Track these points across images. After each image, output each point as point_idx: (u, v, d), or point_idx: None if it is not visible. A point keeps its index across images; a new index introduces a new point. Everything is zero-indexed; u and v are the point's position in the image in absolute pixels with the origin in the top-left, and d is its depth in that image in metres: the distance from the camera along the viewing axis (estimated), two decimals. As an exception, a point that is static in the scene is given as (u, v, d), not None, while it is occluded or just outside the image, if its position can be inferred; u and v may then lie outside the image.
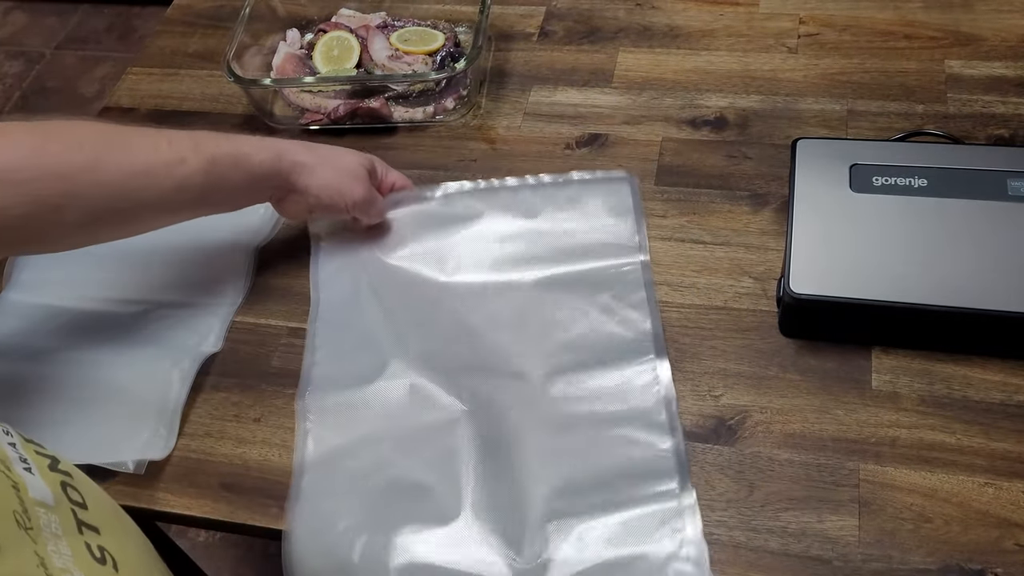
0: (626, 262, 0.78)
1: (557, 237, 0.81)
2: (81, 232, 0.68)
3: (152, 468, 0.71)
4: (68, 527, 0.46)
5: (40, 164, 0.63)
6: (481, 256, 0.81)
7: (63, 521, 0.46)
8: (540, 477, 0.67)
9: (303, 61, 0.98)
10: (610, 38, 0.99)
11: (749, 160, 0.86)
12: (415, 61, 0.95)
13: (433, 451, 0.70)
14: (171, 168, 0.68)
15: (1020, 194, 0.71)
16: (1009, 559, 0.61)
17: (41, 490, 0.46)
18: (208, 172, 0.70)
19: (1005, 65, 0.89)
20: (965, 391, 0.69)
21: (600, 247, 0.80)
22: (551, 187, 0.85)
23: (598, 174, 0.85)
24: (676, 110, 0.91)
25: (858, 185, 0.73)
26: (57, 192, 0.63)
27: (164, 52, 1.08)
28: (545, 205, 0.83)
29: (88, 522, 0.48)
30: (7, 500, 0.42)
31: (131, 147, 0.68)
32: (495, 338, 0.75)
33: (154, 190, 0.68)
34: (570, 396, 0.71)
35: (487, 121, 0.93)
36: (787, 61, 0.93)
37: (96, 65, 2.35)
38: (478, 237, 0.82)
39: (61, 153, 0.64)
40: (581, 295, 0.77)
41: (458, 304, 0.78)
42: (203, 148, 0.70)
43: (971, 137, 0.84)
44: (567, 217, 0.82)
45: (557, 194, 0.84)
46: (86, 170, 0.65)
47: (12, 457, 0.46)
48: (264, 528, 0.69)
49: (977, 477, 0.65)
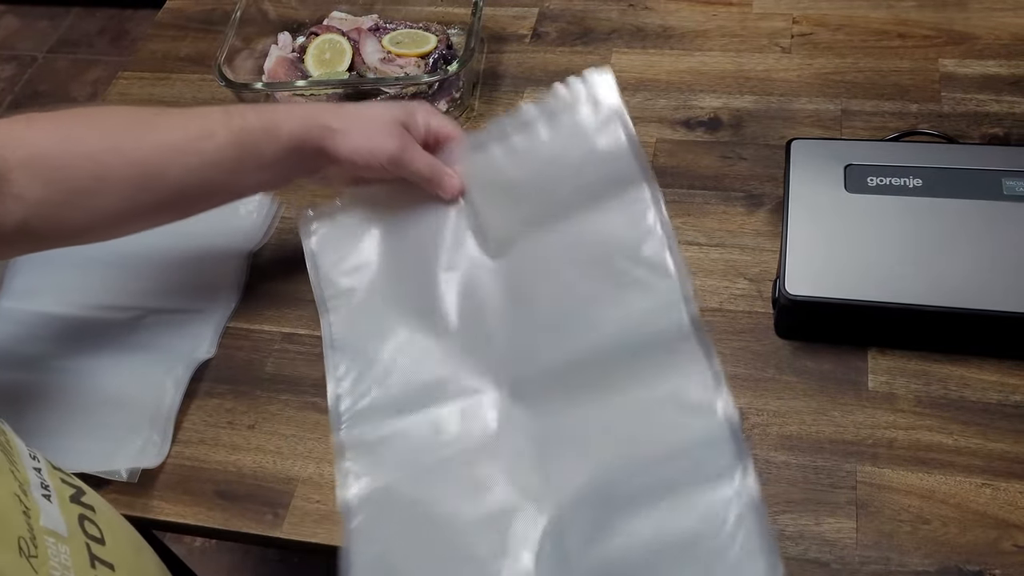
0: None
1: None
2: (117, 219, 0.67)
3: (146, 476, 0.71)
4: (80, 561, 0.45)
5: (69, 149, 0.63)
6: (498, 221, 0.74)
7: (74, 553, 0.45)
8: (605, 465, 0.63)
9: (295, 64, 0.97)
10: (603, 39, 0.99)
11: (744, 161, 0.85)
12: (407, 64, 0.95)
13: (488, 472, 0.66)
14: (200, 142, 0.67)
15: (1015, 193, 0.70)
16: (1007, 560, 0.61)
17: (55, 519, 0.45)
18: (238, 144, 0.67)
19: (999, 64, 0.89)
20: (962, 391, 0.68)
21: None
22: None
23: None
24: (670, 111, 0.91)
25: (853, 185, 0.73)
26: (88, 175, 0.63)
27: (155, 56, 1.07)
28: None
29: (103, 558, 0.47)
30: (15, 526, 0.42)
31: (157, 126, 0.67)
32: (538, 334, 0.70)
33: (182, 167, 0.66)
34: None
35: (480, 123, 0.93)
36: (781, 61, 0.93)
37: (88, 68, 2.35)
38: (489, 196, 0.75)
39: (87, 136, 0.64)
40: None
41: (492, 286, 0.72)
42: (233, 121, 0.68)
43: (966, 136, 0.83)
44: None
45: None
46: (113, 151, 0.64)
47: (33, 482, 0.45)
48: (259, 536, 0.69)
49: (975, 478, 0.64)
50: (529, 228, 0.72)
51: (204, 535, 0.72)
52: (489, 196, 0.75)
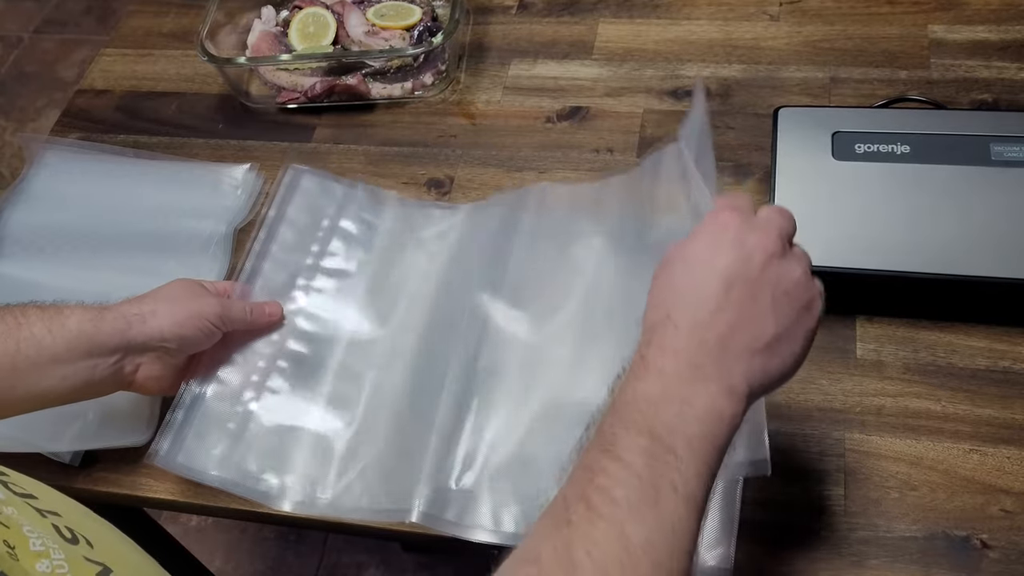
0: None
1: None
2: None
3: (134, 454, 0.71)
4: (28, 513, 0.45)
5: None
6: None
7: (21, 510, 0.44)
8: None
9: (278, 39, 0.96)
10: (590, 9, 0.98)
11: (732, 130, 0.85)
12: (392, 36, 0.94)
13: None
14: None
15: (1003, 159, 0.70)
16: (994, 525, 0.61)
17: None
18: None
19: (988, 29, 0.88)
20: (950, 358, 0.68)
21: None
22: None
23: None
24: (657, 81, 0.90)
25: (840, 153, 0.73)
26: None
27: (138, 33, 1.06)
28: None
29: (44, 508, 0.47)
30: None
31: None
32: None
33: None
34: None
35: (466, 96, 0.92)
36: (769, 29, 0.92)
37: (75, 48, 2.32)
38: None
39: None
40: None
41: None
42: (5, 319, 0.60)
43: (954, 102, 0.83)
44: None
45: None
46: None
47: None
48: (248, 512, 0.68)
49: (962, 444, 0.64)
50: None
51: (194, 512, 0.72)
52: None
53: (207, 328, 0.67)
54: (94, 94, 1.00)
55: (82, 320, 0.61)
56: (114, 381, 0.64)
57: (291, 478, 0.66)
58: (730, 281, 0.47)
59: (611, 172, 0.77)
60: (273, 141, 0.92)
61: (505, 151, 0.87)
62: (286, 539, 1.46)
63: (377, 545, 1.43)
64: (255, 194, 0.87)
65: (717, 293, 0.47)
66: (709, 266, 0.48)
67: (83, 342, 0.61)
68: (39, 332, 0.60)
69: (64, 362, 0.61)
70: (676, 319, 0.47)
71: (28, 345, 0.59)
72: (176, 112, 0.97)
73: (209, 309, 0.67)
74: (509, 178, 0.85)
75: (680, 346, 0.46)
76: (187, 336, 0.65)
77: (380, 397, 0.69)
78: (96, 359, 0.62)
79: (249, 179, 0.87)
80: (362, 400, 0.69)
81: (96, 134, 0.96)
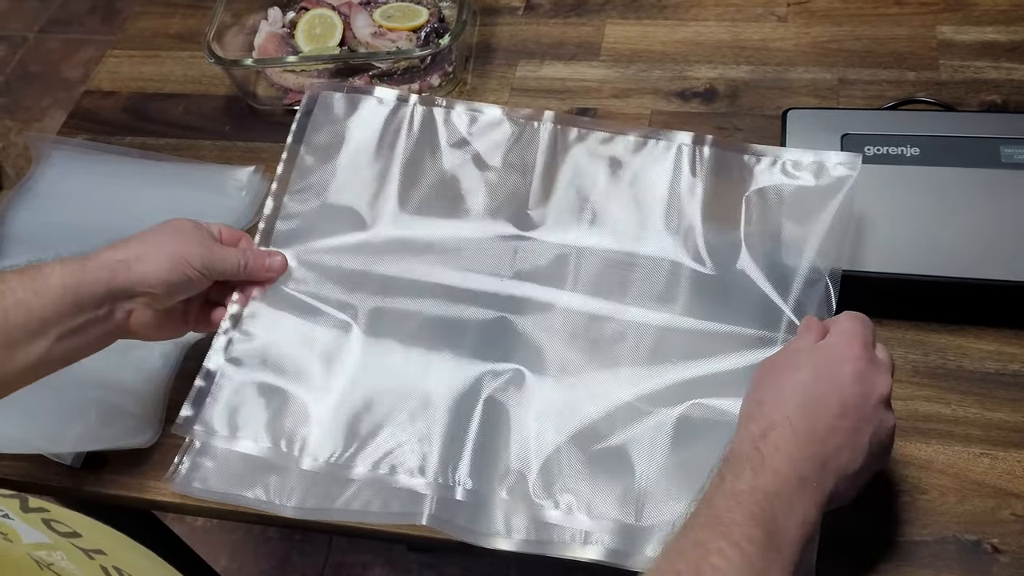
0: None
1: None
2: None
3: (140, 456, 0.71)
4: (76, 557, 0.44)
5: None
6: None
7: (70, 554, 0.44)
8: None
9: (285, 40, 0.96)
10: (597, 10, 0.97)
11: (740, 131, 0.85)
12: (399, 38, 0.93)
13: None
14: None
15: (1013, 161, 0.70)
16: (1006, 529, 0.61)
17: (32, 533, 0.44)
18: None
19: (997, 30, 0.88)
20: (960, 361, 0.68)
21: None
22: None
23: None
24: (665, 82, 0.90)
25: (850, 155, 0.72)
26: None
27: (144, 34, 1.06)
28: None
29: (90, 548, 0.46)
30: (10, 551, 0.40)
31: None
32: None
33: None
34: None
35: (473, 97, 0.92)
36: (777, 30, 0.92)
37: (80, 48, 2.33)
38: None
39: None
40: None
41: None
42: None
43: (963, 104, 0.82)
44: None
45: None
46: None
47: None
48: (255, 514, 0.68)
49: (973, 448, 0.64)
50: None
51: (200, 514, 0.72)
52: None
53: (191, 274, 0.63)
54: (101, 95, 1.00)
55: (64, 275, 0.59)
56: (108, 332, 0.62)
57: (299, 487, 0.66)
58: (848, 409, 0.53)
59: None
60: (280, 143, 0.91)
61: (512, 153, 0.87)
62: (291, 539, 1.46)
63: (382, 545, 1.43)
64: (259, 196, 0.86)
65: (835, 415, 0.53)
66: (836, 387, 0.53)
67: (69, 297, 0.59)
68: (24, 296, 0.58)
69: (55, 322, 0.58)
70: (796, 425, 0.52)
71: (16, 312, 0.57)
72: (183, 113, 0.97)
73: (194, 254, 0.63)
74: (516, 180, 0.84)
75: (795, 454, 0.51)
76: (173, 282, 0.63)
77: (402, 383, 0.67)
78: (86, 313, 0.60)
79: (254, 181, 0.87)
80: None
81: (103, 136, 0.96)
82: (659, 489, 0.60)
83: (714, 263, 0.68)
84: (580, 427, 0.64)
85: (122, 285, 0.61)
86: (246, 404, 0.66)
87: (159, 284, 0.62)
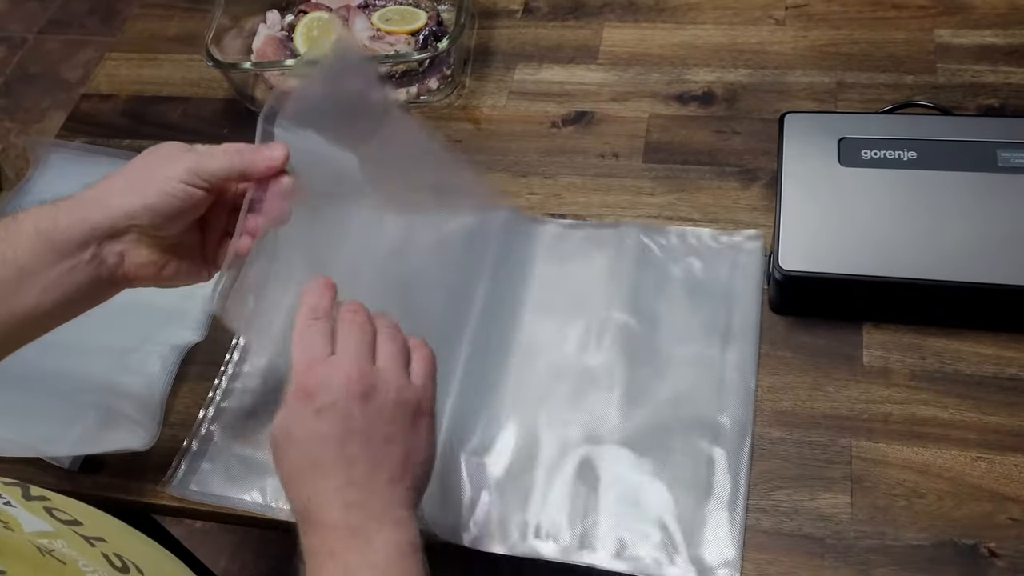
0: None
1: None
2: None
3: (138, 460, 0.71)
4: (78, 544, 0.45)
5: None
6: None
7: (71, 542, 0.44)
8: None
9: (284, 43, 0.96)
10: (595, 13, 0.98)
11: (738, 135, 0.85)
12: (397, 41, 0.94)
13: None
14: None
15: (1010, 165, 0.70)
16: (1002, 533, 0.61)
17: (33, 521, 0.44)
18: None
19: (995, 33, 0.88)
20: (957, 365, 0.68)
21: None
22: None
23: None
24: (663, 86, 0.90)
25: (847, 159, 0.72)
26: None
27: (143, 37, 1.06)
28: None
29: (91, 536, 0.46)
30: (10, 538, 0.41)
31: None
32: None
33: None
34: None
35: (471, 101, 0.92)
36: (775, 34, 0.92)
37: (79, 49, 2.32)
38: None
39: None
40: None
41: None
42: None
43: (961, 107, 0.83)
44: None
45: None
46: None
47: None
48: (253, 517, 0.68)
49: (970, 451, 0.64)
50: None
51: (199, 518, 0.72)
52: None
53: (179, 191, 0.55)
54: (99, 98, 1.00)
55: (37, 220, 0.54)
56: (102, 279, 0.56)
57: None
58: (341, 441, 0.50)
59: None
60: (278, 145, 0.92)
61: (510, 156, 0.87)
62: (291, 540, 1.46)
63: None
64: (260, 199, 0.86)
65: (336, 458, 0.50)
66: (316, 438, 0.50)
67: (45, 243, 0.54)
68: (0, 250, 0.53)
69: (34, 271, 0.54)
70: (318, 499, 0.50)
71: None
72: (182, 117, 0.97)
73: (177, 167, 0.55)
74: (514, 183, 0.85)
75: (334, 521, 0.49)
76: (157, 207, 0.55)
77: None
78: (68, 260, 0.54)
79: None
80: None
81: (102, 139, 0.96)
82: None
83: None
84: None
85: (101, 223, 0.55)
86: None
87: (142, 212, 0.55)
